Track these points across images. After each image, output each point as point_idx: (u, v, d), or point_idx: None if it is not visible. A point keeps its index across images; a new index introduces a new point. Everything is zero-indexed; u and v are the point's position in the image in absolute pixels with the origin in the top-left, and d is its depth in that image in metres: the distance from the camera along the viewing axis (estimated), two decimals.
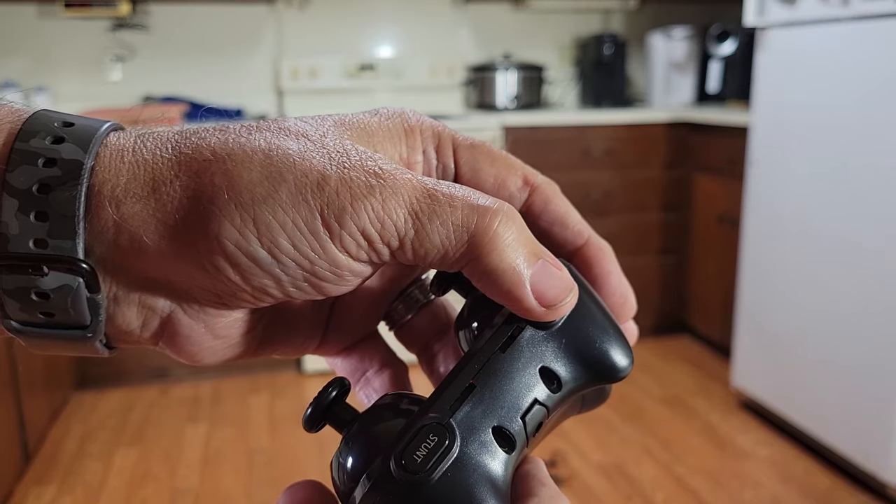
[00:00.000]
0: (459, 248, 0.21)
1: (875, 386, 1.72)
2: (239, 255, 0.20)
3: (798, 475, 1.89)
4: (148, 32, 2.73)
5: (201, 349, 0.23)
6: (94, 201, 0.20)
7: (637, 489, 1.84)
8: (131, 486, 1.88)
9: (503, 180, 0.25)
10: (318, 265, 0.21)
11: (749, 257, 2.15)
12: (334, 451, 0.23)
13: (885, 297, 1.68)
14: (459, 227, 0.21)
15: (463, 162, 0.25)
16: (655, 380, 2.47)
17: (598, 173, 2.65)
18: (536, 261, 0.22)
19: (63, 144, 0.20)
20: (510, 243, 0.21)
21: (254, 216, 0.20)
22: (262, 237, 0.20)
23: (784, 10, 1.91)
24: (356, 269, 0.21)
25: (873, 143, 1.69)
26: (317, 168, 0.20)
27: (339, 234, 0.20)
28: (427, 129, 0.25)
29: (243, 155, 0.20)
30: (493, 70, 2.83)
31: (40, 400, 2.07)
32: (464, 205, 0.21)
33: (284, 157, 0.20)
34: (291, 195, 0.20)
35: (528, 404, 0.22)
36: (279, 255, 0.20)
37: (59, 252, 0.20)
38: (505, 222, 0.21)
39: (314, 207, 0.20)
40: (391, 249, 0.21)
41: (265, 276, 0.21)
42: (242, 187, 0.20)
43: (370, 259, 0.21)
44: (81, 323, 0.21)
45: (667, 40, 2.86)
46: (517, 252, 0.21)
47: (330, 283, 0.21)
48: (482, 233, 0.21)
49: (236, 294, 0.21)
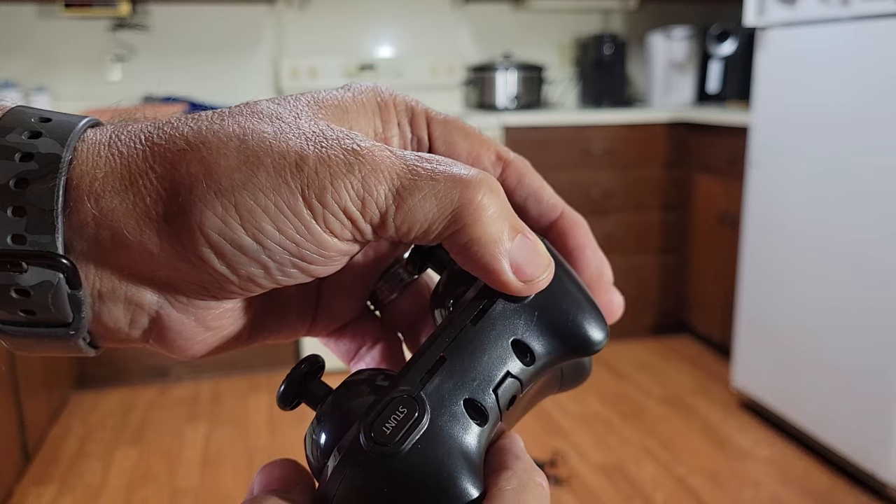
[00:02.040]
0: (443, 221, 0.21)
1: (875, 386, 1.72)
2: (224, 245, 0.20)
3: (798, 475, 1.89)
4: (148, 32, 2.73)
5: (193, 343, 0.23)
6: (73, 196, 0.20)
7: (637, 489, 1.84)
8: (131, 486, 1.88)
9: (477, 154, 0.25)
10: (305, 248, 0.20)
11: (749, 257, 2.15)
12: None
13: (886, 297, 1.68)
14: (443, 200, 0.21)
15: (437, 136, 0.25)
16: (655, 379, 2.47)
17: (598, 173, 2.65)
18: (516, 234, 0.22)
19: (40, 139, 0.20)
20: (493, 215, 0.21)
21: (235, 203, 0.19)
22: (245, 224, 0.20)
23: (784, 10, 1.91)
24: (342, 248, 0.21)
25: (873, 143, 1.69)
26: (294, 149, 0.20)
27: (323, 214, 0.20)
28: (400, 102, 0.24)
29: (218, 142, 0.20)
30: (493, 70, 2.83)
31: (40, 400, 2.07)
32: (446, 178, 0.21)
33: (260, 140, 0.20)
34: (271, 178, 0.20)
35: (500, 377, 0.22)
36: (264, 241, 0.20)
37: (38, 247, 0.19)
38: (489, 194, 0.21)
39: (295, 189, 0.20)
40: (374, 226, 0.21)
41: (252, 263, 0.20)
42: (220, 174, 0.20)
43: (354, 238, 0.21)
44: (63, 320, 0.21)
45: (667, 40, 2.86)
46: (500, 225, 0.21)
47: (317, 266, 0.21)
48: (466, 204, 0.21)
49: (223, 285, 0.21)
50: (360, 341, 0.28)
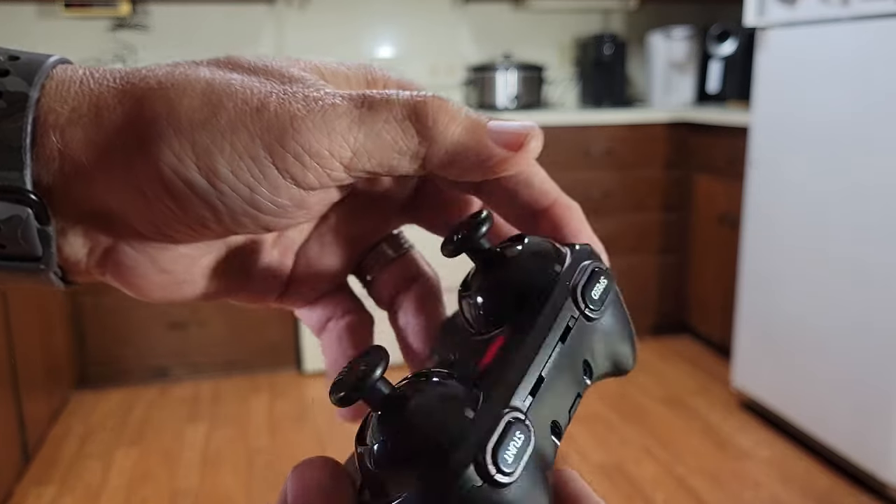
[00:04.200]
0: (411, 136, 0.21)
1: (875, 386, 1.72)
2: (176, 181, 0.20)
3: (798, 475, 1.89)
4: (148, 32, 2.74)
5: (147, 282, 0.23)
6: (40, 131, 0.20)
7: (637, 489, 1.84)
8: (131, 486, 1.88)
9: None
10: (258, 193, 0.20)
11: (749, 257, 2.15)
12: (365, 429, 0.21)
13: (885, 297, 1.68)
14: (403, 116, 0.21)
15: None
16: (655, 380, 2.47)
17: (598, 173, 2.65)
18: (486, 118, 0.22)
19: (8, 77, 0.20)
20: (456, 108, 0.22)
21: (192, 141, 0.20)
22: (199, 162, 0.20)
23: (784, 10, 1.91)
24: (297, 197, 0.21)
25: (873, 144, 1.69)
26: (257, 96, 0.20)
27: (283, 157, 0.20)
28: (392, 82, 0.25)
29: (186, 83, 0.21)
30: (493, 70, 2.83)
31: (40, 400, 2.07)
32: (399, 97, 0.21)
33: (226, 85, 0.21)
34: (230, 121, 0.20)
35: (574, 397, 0.22)
36: (217, 183, 0.20)
37: (7, 182, 0.20)
38: (441, 97, 0.22)
39: (254, 132, 0.20)
40: (344, 164, 0.21)
41: (202, 205, 0.20)
42: (182, 113, 0.20)
43: (320, 181, 0.21)
44: (33, 254, 0.21)
45: (667, 40, 2.86)
46: (466, 113, 0.22)
47: (270, 216, 0.21)
48: (426, 110, 0.21)
49: (174, 225, 0.21)
50: (330, 313, 0.28)
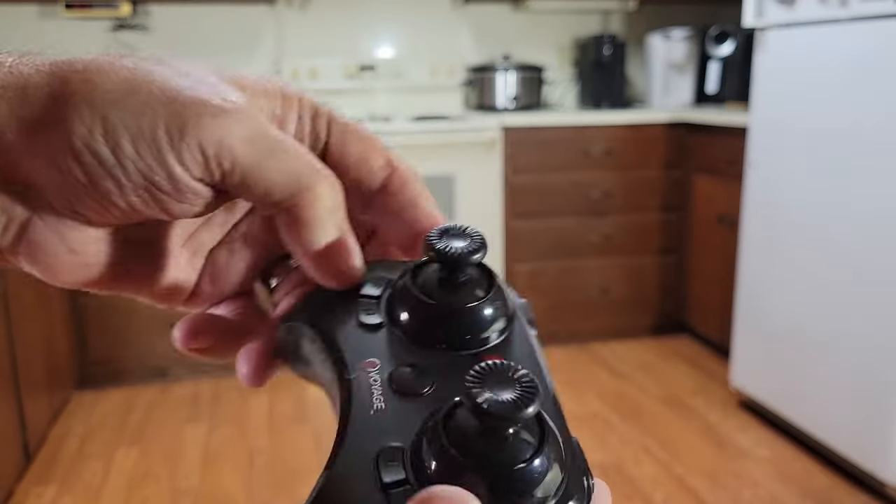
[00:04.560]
0: (285, 191, 0.23)
1: (874, 385, 1.73)
2: (85, 153, 0.21)
3: (797, 474, 1.90)
4: (149, 33, 2.74)
5: (56, 261, 0.24)
6: None
7: (636, 488, 1.84)
8: (131, 486, 1.88)
9: (366, 158, 0.26)
10: (157, 173, 0.22)
11: (748, 257, 2.16)
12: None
13: (884, 297, 1.69)
14: (292, 175, 0.23)
15: (334, 135, 0.26)
16: (655, 379, 2.47)
17: (597, 174, 2.66)
18: (339, 233, 0.24)
19: None
20: (326, 208, 0.23)
21: (102, 117, 0.21)
22: (107, 136, 0.21)
23: (783, 11, 1.92)
24: (193, 186, 0.22)
25: (872, 144, 1.70)
26: (173, 87, 0.22)
27: (178, 146, 0.21)
28: (307, 100, 0.26)
29: (109, 69, 0.22)
30: (492, 71, 2.84)
31: (41, 400, 2.07)
32: (304, 159, 0.23)
33: (146, 74, 0.22)
34: (141, 103, 0.21)
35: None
36: (121, 157, 0.21)
37: None
38: (330, 189, 0.24)
39: (160, 116, 0.21)
40: (223, 171, 0.22)
41: (107, 177, 0.21)
42: (99, 92, 0.21)
43: (204, 178, 0.22)
44: None
45: (666, 41, 2.87)
46: (328, 218, 0.24)
47: (169, 198, 0.22)
48: (307, 188, 0.23)
49: (84, 199, 0.22)
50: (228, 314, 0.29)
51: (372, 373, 0.22)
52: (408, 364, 0.22)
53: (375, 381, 0.22)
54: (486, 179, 2.56)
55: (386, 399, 0.21)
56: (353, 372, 0.22)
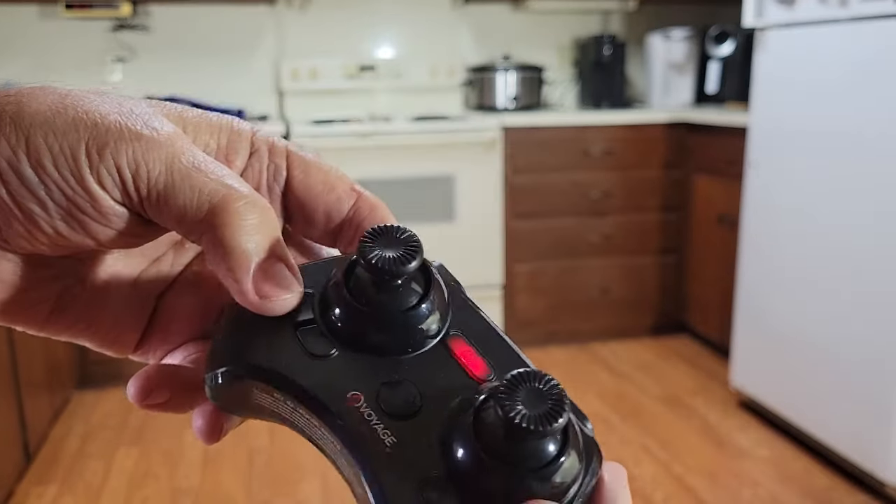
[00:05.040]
0: (199, 213, 0.22)
1: (873, 385, 1.73)
2: (9, 172, 0.21)
3: (796, 474, 1.90)
4: (149, 33, 2.74)
5: None
6: None
7: (636, 488, 1.85)
8: (132, 486, 1.89)
9: (332, 184, 0.26)
10: (78, 193, 0.22)
11: (748, 257, 2.16)
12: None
13: (883, 297, 1.69)
14: (205, 194, 0.22)
15: (295, 166, 0.25)
16: (654, 379, 2.47)
17: (597, 174, 2.66)
18: (269, 253, 0.22)
19: None
20: (246, 225, 0.22)
21: (27, 136, 0.21)
22: (30, 156, 0.21)
23: (782, 11, 1.92)
24: (114, 208, 0.22)
25: (871, 144, 1.70)
26: (100, 111, 0.22)
27: (98, 166, 0.21)
28: (261, 136, 0.25)
29: (41, 94, 0.22)
30: (492, 71, 2.84)
31: (41, 400, 2.07)
32: (219, 180, 0.22)
33: (76, 99, 0.22)
34: (66, 125, 0.21)
35: None
36: (44, 177, 0.21)
37: None
38: (249, 207, 0.22)
39: (82, 138, 0.21)
40: (140, 196, 0.22)
41: (31, 198, 0.21)
42: (25, 114, 0.21)
43: (125, 202, 0.22)
44: None
45: (666, 41, 2.87)
46: (251, 237, 0.22)
47: (92, 221, 0.22)
48: (223, 205, 0.22)
49: (9, 220, 0.22)
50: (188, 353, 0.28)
51: (360, 408, 0.21)
52: (385, 383, 0.22)
53: (370, 415, 0.21)
54: (486, 179, 2.56)
55: (391, 430, 0.21)
56: (342, 415, 0.21)
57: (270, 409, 0.23)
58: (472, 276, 2.62)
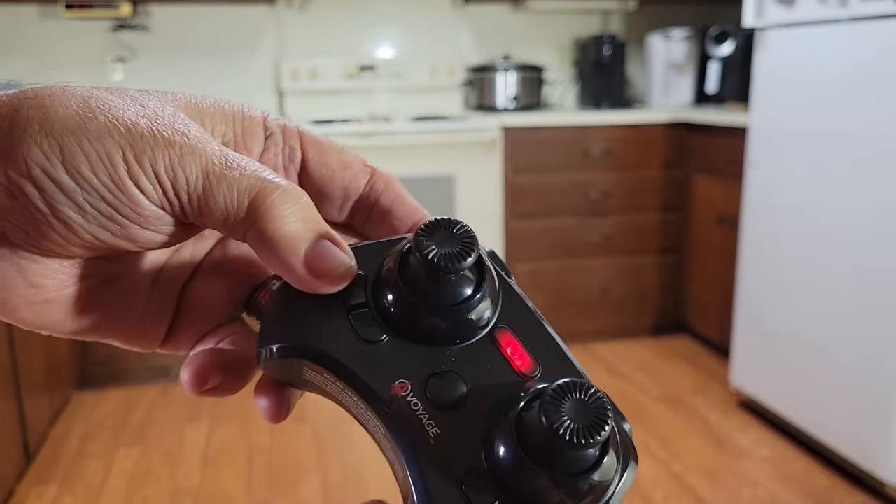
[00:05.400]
0: (240, 212, 0.22)
1: (873, 385, 1.73)
2: (44, 179, 0.21)
3: (796, 474, 1.90)
4: (149, 33, 2.74)
5: (14, 295, 0.23)
6: None
7: (636, 487, 1.85)
8: (132, 486, 1.89)
9: (348, 162, 0.27)
10: (119, 199, 0.22)
11: (748, 257, 2.16)
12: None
13: (884, 297, 1.69)
14: (243, 192, 0.22)
15: (309, 147, 0.26)
16: (654, 379, 2.47)
17: (597, 174, 2.66)
18: (315, 235, 0.23)
19: None
20: (287, 213, 0.22)
21: (61, 143, 0.21)
22: (66, 163, 0.21)
23: (783, 11, 1.92)
24: (155, 211, 0.22)
25: (871, 144, 1.70)
26: (129, 117, 0.22)
27: (137, 172, 0.21)
28: (273, 119, 0.26)
29: (63, 96, 0.22)
30: (492, 71, 2.84)
31: (41, 400, 2.08)
32: (252, 174, 0.22)
33: (101, 102, 0.22)
34: (99, 129, 0.21)
35: None
36: (82, 182, 0.21)
37: None
38: (285, 195, 0.23)
39: (118, 143, 0.21)
40: (181, 202, 0.22)
41: (69, 204, 0.21)
42: (54, 119, 0.21)
43: (164, 206, 0.22)
44: None
45: (666, 41, 2.87)
46: (293, 222, 0.22)
47: (134, 225, 0.22)
48: (261, 199, 0.22)
49: (42, 228, 0.21)
50: (217, 339, 0.28)
51: (408, 396, 0.22)
52: (434, 374, 0.22)
53: (416, 404, 0.22)
54: (486, 179, 2.56)
55: (436, 421, 0.22)
56: (389, 402, 0.22)
57: (321, 386, 0.24)
58: None
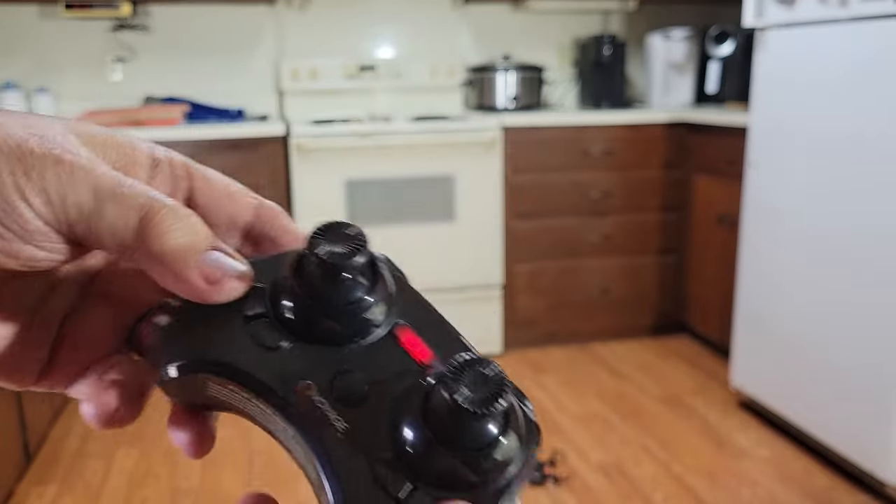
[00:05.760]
0: (129, 230, 0.22)
1: (873, 385, 1.73)
2: None
3: (796, 474, 1.90)
4: (149, 33, 2.74)
5: None
6: None
7: (636, 488, 1.85)
8: (132, 486, 1.89)
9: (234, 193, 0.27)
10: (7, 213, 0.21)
11: (748, 257, 2.16)
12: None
13: (884, 297, 1.69)
14: (132, 210, 0.22)
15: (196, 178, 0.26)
16: (654, 379, 2.47)
17: (597, 174, 2.66)
18: (207, 245, 0.23)
19: None
20: (177, 228, 0.22)
21: None
22: None
23: (783, 11, 1.92)
24: (41, 228, 0.22)
25: (871, 144, 1.70)
26: (20, 135, 0.22)
27: (24, 186, 0.21)
28: (161, 151, 0.26)
29: None
30: (492, 71, 2.84)
31: (41, 400, 2.07)
32: (142, 193, 0.23)
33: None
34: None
35: None
36: None
37: None
38: (174, 212, 0.23)
39: (6, 157, 0.21)
40: (69, 219, 0.22)
41: None
42: None
43: (50, 222, 0.22)
44: None
45: (666, 41, 2.87)
46: (183, 236, 0.22)
47: (18, 240, 0.22)
48: (150, 216, 0.22)
49: None
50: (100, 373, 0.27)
51: (313, 396, 0.23)
52: (338, 373, 0.23)
53: (323, 402, 0.22)
54: (485, 179, 2.56)
55: (343, 417, 0.22)
56: (295, 403, 0.23)
57: (226, 400, 0.24)
58: (472, 276, 2.62)
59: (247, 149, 2.41)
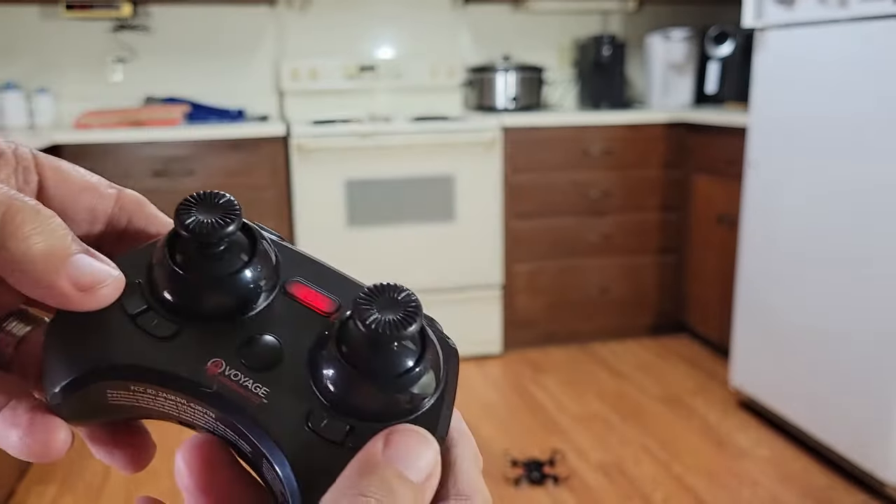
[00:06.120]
0: None
1: (873, 385, 1.73)
2: None
3: (796, 474, 1.90)
4: (149, 34, 2.74)
5: None
6: None
7: (636, 488, 1.85)
8: (132, 486, 1.89)
9: (91, 184, 0.25)
10: None
11: (747, 257, 2.16)
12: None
13: (883, 297, 1.69)
14: None
15: (46, 169, 0.24)
16: (654, 379, 2.48)
17: (597, 174, 2.66)
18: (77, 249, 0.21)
19: None
20: (39, 232, 0.21)
21: None
22: None
23: (782, 12, 1.92)
24: None
25: (871, 144, 1.70)
26: None
27: None
28: (3, 141, 0.24)
29: None
30: (492, 71, 2.84)
31: None
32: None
33: None
34: None
35: None
36: None
37: None
38: (35, 213, 0.21)
39: None
40: None
41: None
42: None
43: None
44: None
45: (665, 41, 2.87)
46: (46, 241, 0.21)
47: None
48: (7, 218, 0.20)
49: None
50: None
51: (225, 371, 0.22)
52: (243, 343, 0.22)
53: (237, 375, 0.22)
54: (485, 179, 2.56)
55: (262, 382, 0.22)
56: (209, 383, 0.22)
57: (130, 404, 0.23)
58: (471, 276, 2.62)
59: (247, 149, 2.41)
